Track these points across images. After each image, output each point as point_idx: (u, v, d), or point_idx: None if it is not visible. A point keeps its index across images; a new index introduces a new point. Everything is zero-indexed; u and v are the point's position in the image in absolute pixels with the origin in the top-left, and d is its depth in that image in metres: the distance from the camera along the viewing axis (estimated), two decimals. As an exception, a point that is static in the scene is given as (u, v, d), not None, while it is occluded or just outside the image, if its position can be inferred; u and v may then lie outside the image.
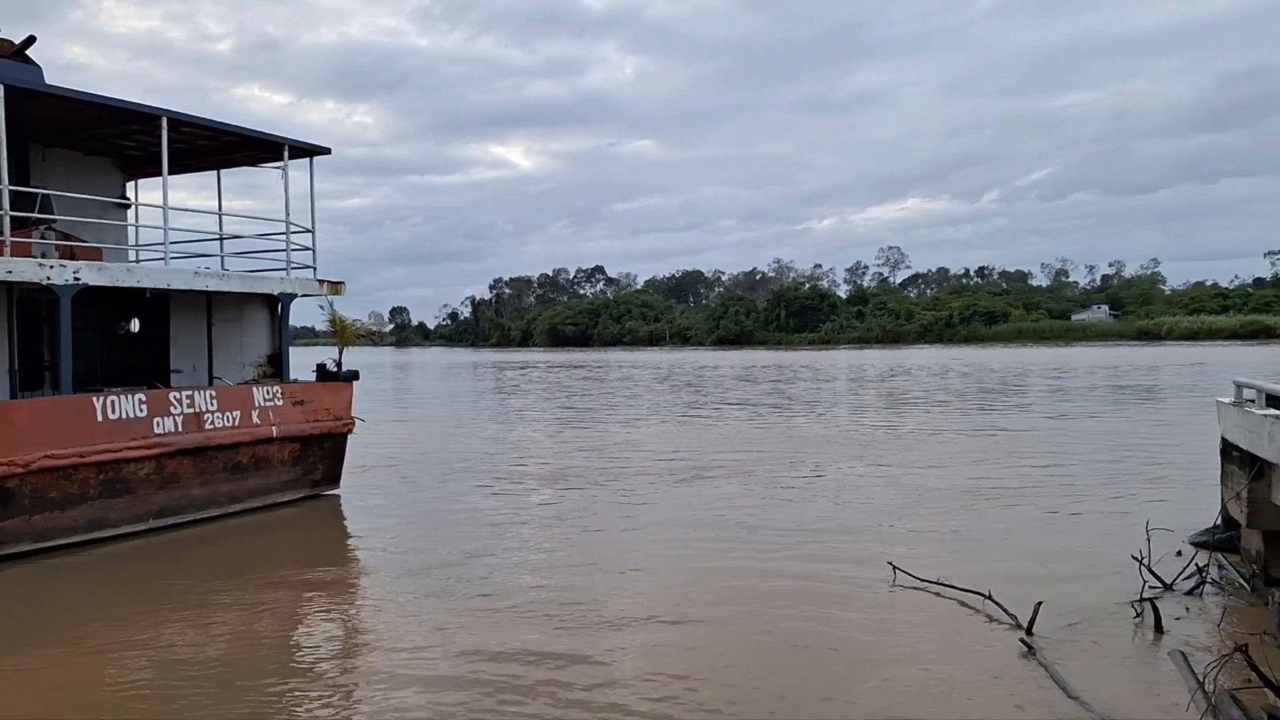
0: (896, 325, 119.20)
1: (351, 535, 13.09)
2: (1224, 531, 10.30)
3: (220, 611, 8.87)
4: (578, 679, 6.85)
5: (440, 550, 11.20)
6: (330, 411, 15.00)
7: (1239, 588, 8.98)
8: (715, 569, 10.08)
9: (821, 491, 14.71)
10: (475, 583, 9.62)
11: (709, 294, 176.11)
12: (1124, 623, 8.01)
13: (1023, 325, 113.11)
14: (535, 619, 8.33)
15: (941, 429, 23.53)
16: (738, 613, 8.45)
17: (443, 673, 7.04)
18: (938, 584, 9.06)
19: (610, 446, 21.22)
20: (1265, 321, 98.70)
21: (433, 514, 13.60)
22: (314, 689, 6.85)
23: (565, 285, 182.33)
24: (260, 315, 15.70)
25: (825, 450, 19.64)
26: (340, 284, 15.83)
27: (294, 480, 14.52)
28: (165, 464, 12.43)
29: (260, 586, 9.81)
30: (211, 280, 14.03)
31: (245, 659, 7.52)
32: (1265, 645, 6.99)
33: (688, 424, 26.34)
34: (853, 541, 11.27)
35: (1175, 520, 11.30)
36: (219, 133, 14.45)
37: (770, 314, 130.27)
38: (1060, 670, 6.80)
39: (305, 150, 15.49)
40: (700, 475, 16.51)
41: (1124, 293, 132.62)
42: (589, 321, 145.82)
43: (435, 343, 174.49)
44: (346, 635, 8.33)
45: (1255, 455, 8.86)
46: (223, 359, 15.51)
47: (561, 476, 16.77)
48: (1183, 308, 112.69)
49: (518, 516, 13.24)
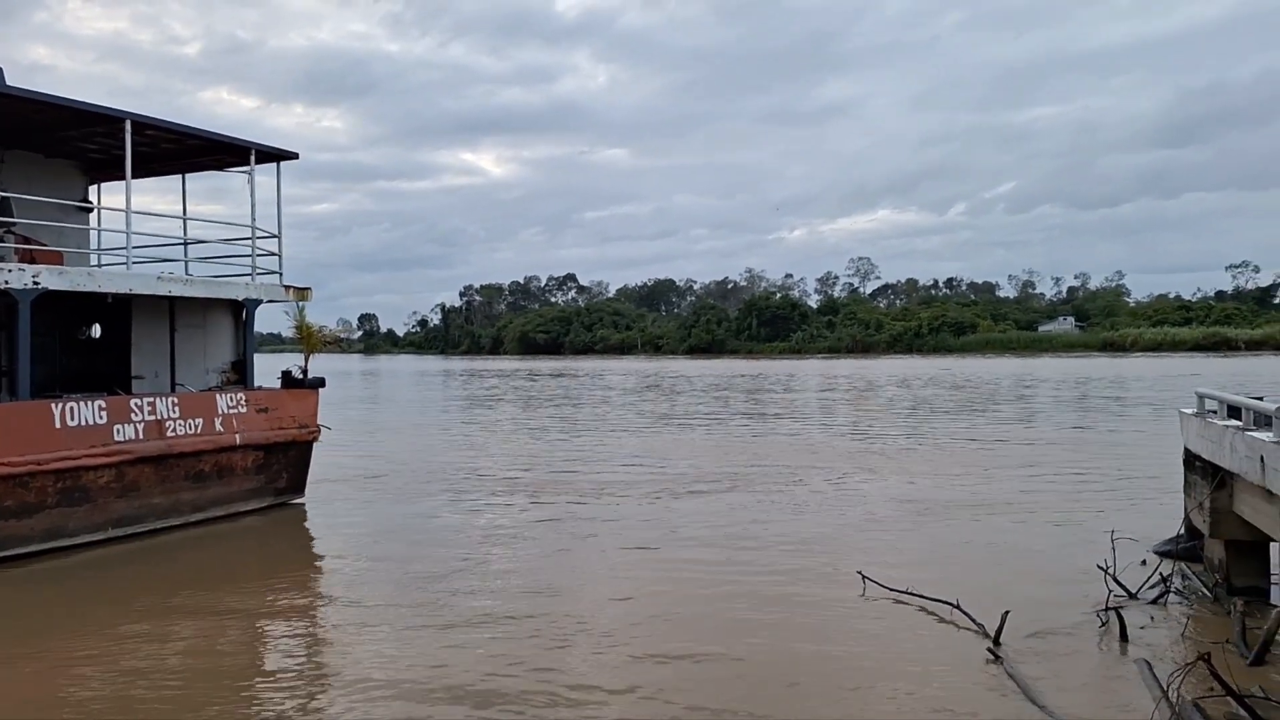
0: (866, 335, 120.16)
1: (315, 545, 12.89)
2: (1187, 541, 10.42)
3: (181, 623, 8.67)
4: (545, 690, 6.76)
5: (406, 561, 11.04)
6: (295, 419, 14.79)
7: (1202, 597, 9.08)
8: (682, 578, 10.03)
9: (793, 502, 14.71)
10: (441, 593, 9.49)
11: (680, 303, 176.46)
12: (1090, 631, 8.06)
13: (990, 336, 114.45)
14: (502, 630, 8.22)
15: (912, 440, 23.68)
16: (705, 623, 8.40)
17: (407, 685, 6.92)
18: (906, 593, 9.07)
19: (582, 457, 21.13)
20: (1226, 333, 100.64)
21: (399, 524, 13.44)
22: (276, 702, 6.70)
23: (536, 293, 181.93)
24: (224, 321, 15.46)
25: (798, 461, 19.68)
26: (307, 290, 15.64)
27: (258, 489, 14.29)
28: (125, 472, 12.17)
29: (222, 597, 9.61)
30: (175, 285, 13.80)
31: (206, 671, 7.35)
32: (1228, 654, 7.05)
33: (661, 434, 26.31)
34: (823, 551, 11.27)
35: (1140, 530, 11.43)
36: (184, 136, 14.23)
37: (742, 323, 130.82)
38: (1026, 678, 6.83)
39: (272, 155, 15.31)
40: (673, 486, 16.46)
41: (1089, 304, 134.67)
42: (560, 330, 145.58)
43: (404, 350, 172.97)
44: (309, 647, 8.18)
45: (1217, 466, 8.97)
46: (186, 365, 15.25)
47: (532, 488, 16.65)
48: (1146, 319, 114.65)
49: (486, 528, 13.10)
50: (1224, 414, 9.33)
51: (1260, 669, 7.01)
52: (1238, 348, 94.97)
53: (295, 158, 15.66)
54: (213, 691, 6.87)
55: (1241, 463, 8.11)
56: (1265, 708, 6.03)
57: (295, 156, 15.66)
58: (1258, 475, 7.63)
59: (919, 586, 9.10)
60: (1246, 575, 8.97)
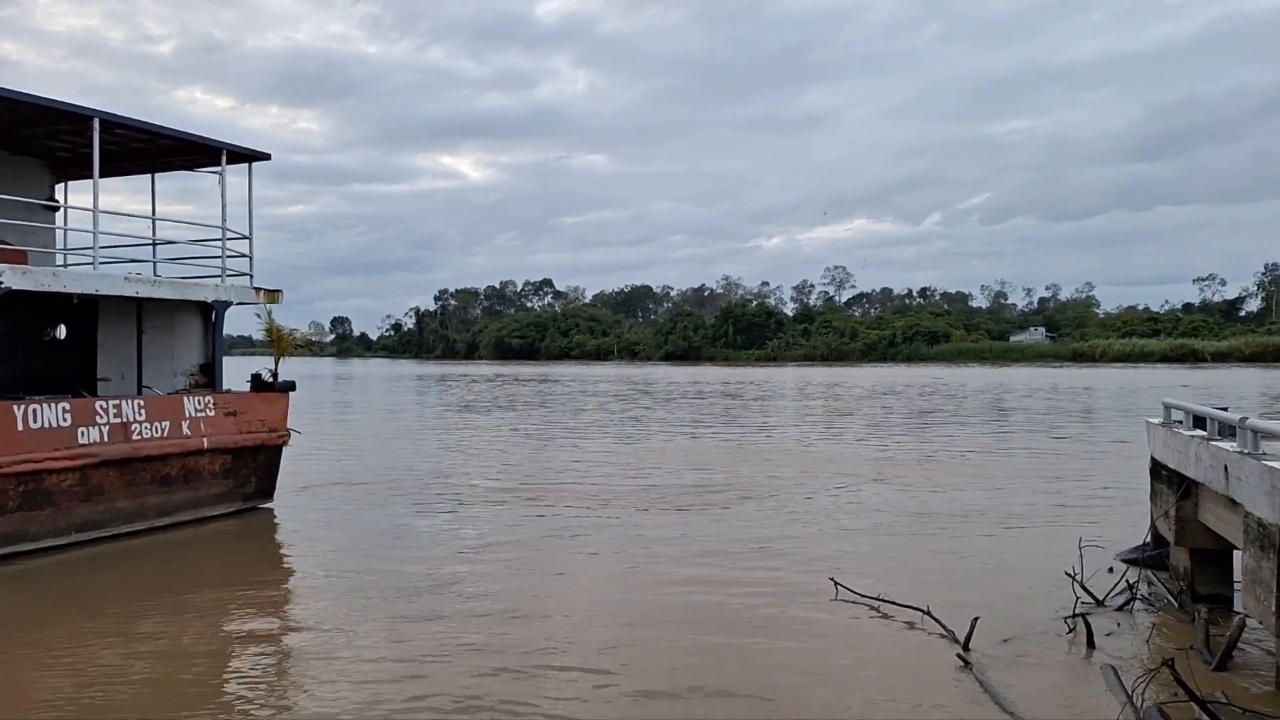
0: (841, 343, 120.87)
1: (284, 551, 12.74)
2: (1153, 549, 10.54)
3: (145, 629, 8.53)
4: (515, 697, 6.71)
5: (376, 567, 10.93)
6: (265, 423, 14.62)
7: (1167, 604, 9.18)
8: (654, 582, 10.01)
9: (768, 511, 14.73)
10: (410, 600, 9.40)
11: (657, 309, 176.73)
12: (1057, 638, 8.12)
13: (963, 345, 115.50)
14: (472, 637, 8.16)
15: (885, 449, 23.82)
16: (674, 626, 8.38)
17: (374, 692, 6.84)
18: (877, 600, 9.10)
19: (559, 465, 21.06)
20: (1193, 345, 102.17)
21: (370, 531, 13.30)
22: (239, 709, 6.60)
23: (512, 298, 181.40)
24: (193, 323, 15.26)
25: (774, 469, 19.73)
26: (278, 292, 15.48)
27: (225, 493, 14.10)
28: (89, 475, 11.97)
29: (187, 604, 9.47)
30: (142, 286, 13.61)
31: (169, 679, 7.22)
32: (1192, 660, 7.13)
33: (639, 441, 26.28)
34: (795, 558, 11.28)
35: (1107, 538, 11.55)
36: (154, 135, 14.06)
37: (718, 330, 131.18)
38: (995, 684, 6.87)
39: (244, 155, 15.16)
40: (649, 494, 16.44)
41: (1060, 315, 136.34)
42: (536, 335, 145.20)
43: (378, 354, 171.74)
44: (276, 654, 8.05)
45: (1182, 475, 9.09)
46: (153, 368, 15.04)
47: (505, 494, 16.57)
48: (1115, 331, 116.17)
49: (458, 537, 12.98)
50: (1189, 424, 9.46)
51: (1223, 674, 7.10)
52: (1204, 359, 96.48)
53: (268, 158, 15.52)
54: (175, 700, 6.76)
55: (1206, 472, 8.21)
56: (1228, 713, 6.10)
57: (268, 157, 15.52)
58: (1222, 485, 7.73)
59: (891, 594, 9.13)
60: (1210, 583, 9.08)
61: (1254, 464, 6.88)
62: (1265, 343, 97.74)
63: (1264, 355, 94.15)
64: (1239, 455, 7.32)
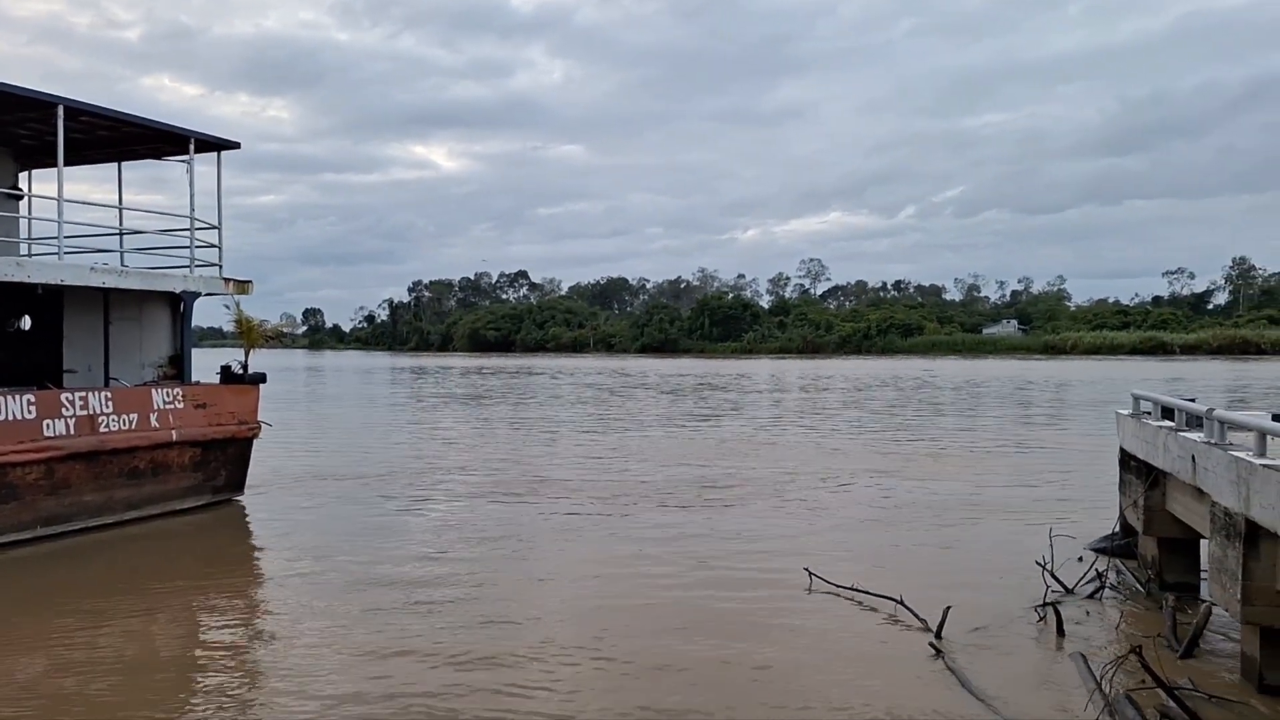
0: (817, 336, 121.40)
1: (254, 545, 12.60)
2: (1122, 538, 10.69)
3: (113, 626, 8.40)
4: (486, 690, 6.68)
5: (348, 561, 10.84)
6: (235, 415, 14.44)
7: (1136, 592, 9.30)
8: (627, 571, 10.01)
9: (745, 501, 14.77)
10: (383, 594, 9.33)
11: (634, 301, 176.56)
12: (1028, 626, 8.20)
13: (936, 338, 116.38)
14: (443, 630, 8.11)
15: (861, 442, 23.95)
16: (649, 617, 8.38)
17: (345, 686, 6.78)
18: (852, 589, 9.15)
19: (534, 458, 21.00)
20: (1162, 338, 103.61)
21: (342, 523, 13.19)
22: (211, 706, 6.51)
23: (487, 289, 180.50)
24: (161, 314, 15.04)
25: (753, 461, 19.78)
26: (248, 283, 15.29)
27: (195, 486, 13.93)
28: (55, 469, 11.77)
29: (156, 599, 9.34)
30: (109, 276, 13.38)
31: (139, 674, 7.12)
32: (1159, 647, 7.22)
33: (614, 434, 26.25)
34: (770, 549, 11.32)
35: (1077, 528, 11.67)
36: (120, 123, 13.81)
37: (694, 322, 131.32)
38: (966, 672, 6.92)
39: (213, 144, 14.94)
40: (625, 487, 16.43)
41: (1032, 308, 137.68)
42: (511, 327, 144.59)
43: (350, 346, 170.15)
44: (247, 649, 7.95)
45: (1151, 465, 9.20)
46: (120, 359, 14.81)
47: (480, 487, 16.50)
48: (1086, 323, 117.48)
49: (431, 528, 12.92)
50: (1158, 415, 9.57)
51: (1190, 661, 7.20)
52: (1173, 352, 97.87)
53: (237, 147, 15.30)
54: (144, 697, 6.66)
55: (1174, 462, 8.32)
56: (1193, 699, 6.18)
57: (237, 146, 15.31)
58: (1189, 474, 7.82)
59: (866, 584, 9.18)
60: (1178, 571, 9.21)
61: (1220, 454, 6.97)
62: (1232, 335, 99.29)
63: (1231, 348, 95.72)
64: (1206, 445, 7.41)
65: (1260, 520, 6.23)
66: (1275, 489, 5.93)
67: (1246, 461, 6.43)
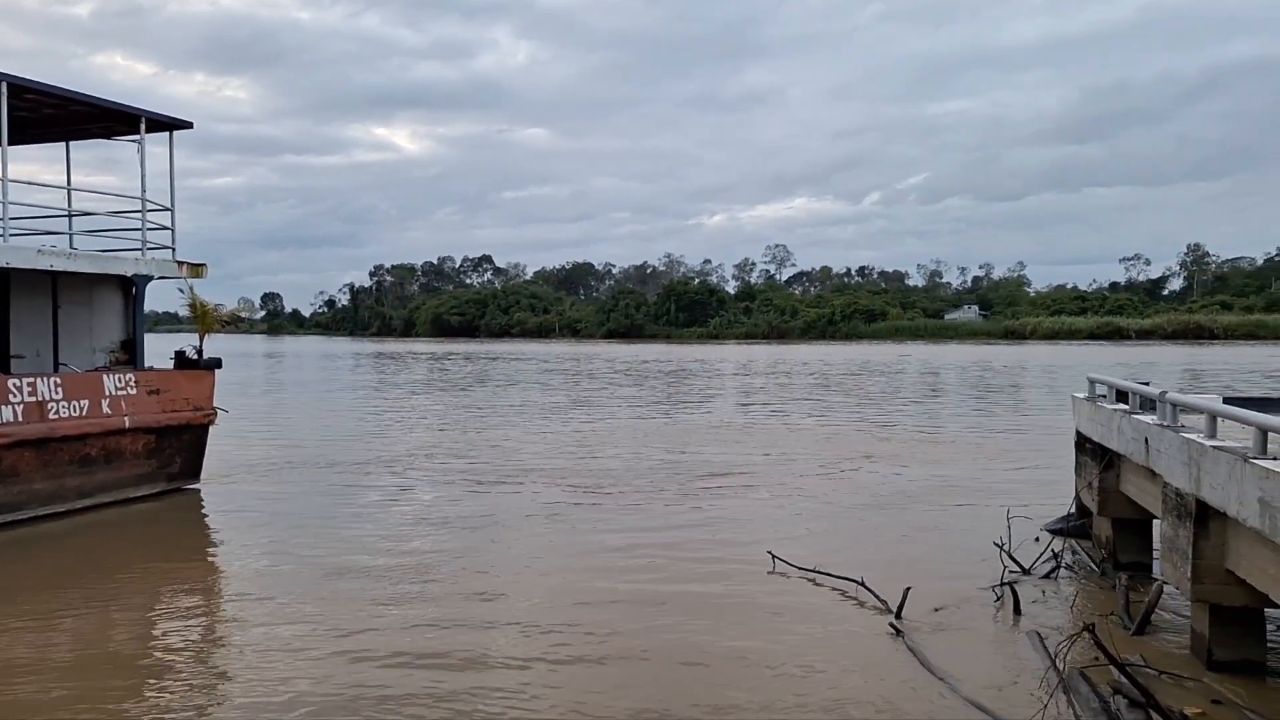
0: (782, 321, 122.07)
1: (211, 534, 12.39)
2: (1078, 519, 10.86)
3: (65, 618, 8.21)
4: (450, 683, 6.62)
5: (307, 551, 10.68)
6: (190, 401, 14.17)
7: (1090, 572, 9.45)
8: (593, 555, 10.00)
9: (710, 485, 14.79)
10: (345, 586, 9.19)
11: (599, 286, 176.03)
12: (986, 606, 8.30)
13: (900, 324, 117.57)
14: (407, 625, 8.01)
15: (823, 424, 24.12)
16: (613, 601, 8.37)
17: (303, 677, 6.68)
18: (814, 571, 9.21)
19: (498, 443, 20.88)
20: (1119, 323, 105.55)
21: (301, 512, 13.00)
22: (164, 705, 6.39)
23: (451, 274, 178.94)
24: (112, 298, 14.70)
25: (721, 447, 19.83)
26: (201, 266, 14.99)
27: (149, 474, 13.66)
28: (3, 456, 11.48)
29: (110, 591, 9.16)
30: (57, 259, 13.03)
31: (90, 673, 6.94)
32: (1112, 625, 7.36)
33: (582, 419, 26.18)
34: (734, 532, 11.36)
35: (1035, 509, 11.84)
36: (68, 101, 13.43)
37: (661, 308, 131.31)
38: (925, 651, 7.00)
39: (164, 123, 14.59)
40: (592, 470, 16.40)
41: (992, 294, 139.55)
42: (475, 312, 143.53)
43: (311, 331, 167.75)
44: (204, 644, 7.78)
45: (1105, 447, 9.34)
46: (70, 344, 14.46)
47: (443, 474, 16.37)
48: (1045, 309, 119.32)
49: (393, 517, 12.76)
50: (1113, 398, 9.72)
51: (1142, 639, 7.34)
52: (1129, 336, 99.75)
53: (189, 127, 14.96)
54: (97, 693, 6.52)
55: (1128, 444, 8.45)
56: (1145, 675, 6.29)
57: (189, 125, 14.97)
58: (1142, 456, 7.95)
59: (829, 566, 9.23)
60: (1131, 551, 9.38)
61: (1172, 436, 7.08)
62: (1186, 320, 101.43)
63: (1185, 333, 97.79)
64: (1159, 428, 7.52)
65: (1210, 500, 6.34)
66: (1225, 470, 6.04)
67: (1197, 443, 6.54)
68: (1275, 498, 5.34)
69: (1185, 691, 6.23)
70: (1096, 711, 5.76)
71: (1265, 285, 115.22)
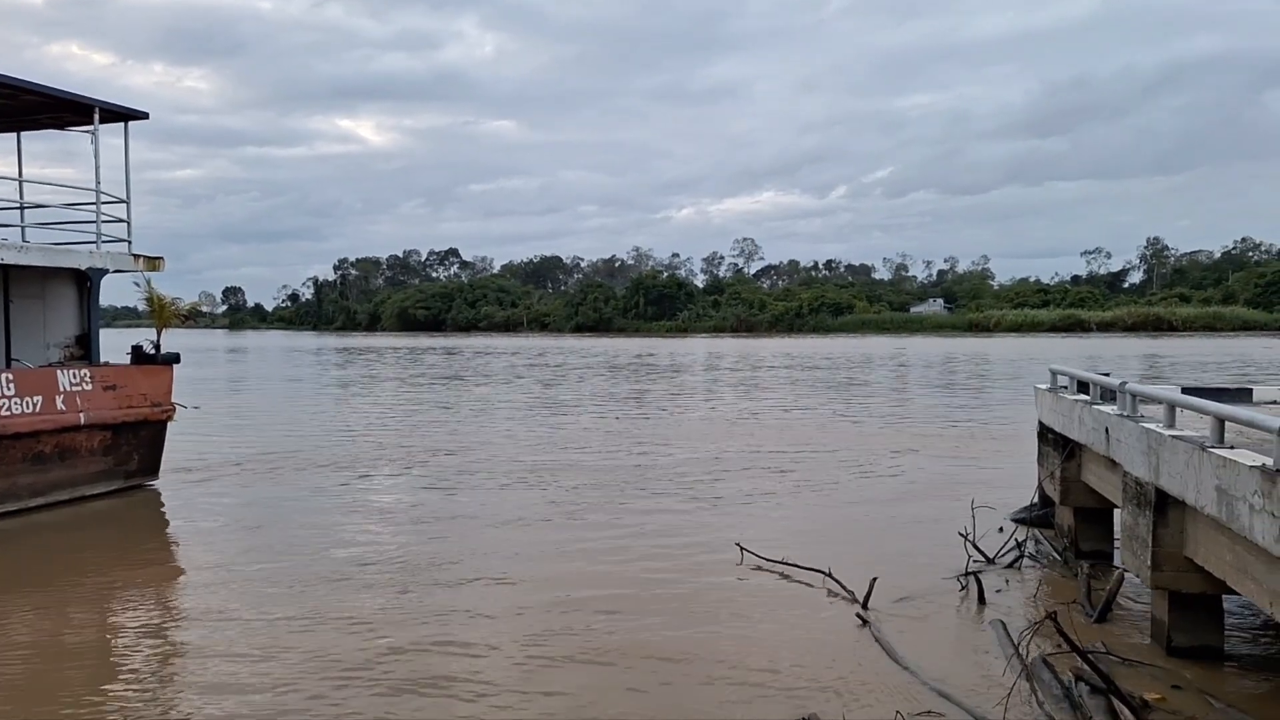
0: (750, 315, 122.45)
1: (170, 533, 12.16)
2: (1041, 509, 10.98)
3: (18, 621, 8.00)
4: (413, 683, 6.53)
5: (267, 550, 10.52)
6: (147, 397, 13.90)
7: (1053, 560, 9.56)
8: (563, 550, 9.94)
9: (681, 480, 14.78)
10: (303, 588, 9.03)
11: (568, 280, 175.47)
12: (951, 595, 8.36)
13: (866, 317, 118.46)
14: (365, 622, 7.91)
15: (790, 417, 24.22)
16: (583, 594, 8.32)
17: (262, 680, 6.57)
18: (781, 563, 9.22)
19: (464, 439, 20.72)
20: (1080, 316, 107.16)
21: (261, 510, 12.80)
22: (123, 709, 6.24)
23: (416, 267, 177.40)
24: (67, 292, 14.36)
25: (692, 441, 19.83)
26: (159, 259, 14.69)
27: (105, 471, 13.38)
28: (-49, 455, 11.17)
29: (65, 592, 8.95)
30: (8, 252, 12.70)
31: (48, 674, 6.78)
32: (1074, 613, 7.43)
33: (552, 414, 26.07)
34: (703, 525, 11.35)
35: (999, 498, 11.96)
36: (19, 90, 13.06)
37: (629, 302, 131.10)
38: (891, 640, 7.03)
39: (119, 114, 14.27)
40: (557, 465, 16.32)
41: (957, 287, 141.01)
42: (442, 306, 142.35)
43: (274, 325, 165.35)
44: (161, 647, 7.61)
45: (1067, 437, 9.44)
46: (23, 339, 14.10)
47: (406, 472, 16.21)
48: (1009, 302, 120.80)
49: (357, 516, 12.58)
50: (1074, 389, 9.83)
51: (1103, 626, 7.43)
52: (1090, 329, 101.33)
53: (145, 117, 14.64)
54: (53, 698, 6.37)
55: (1089, 434, 8.54)
56: (1106, 661, 6.36)
57: (145, 116, 14.64)
58: (1103, 446, 8.04)
59: (796, 557, 9.25)
60: (1093, 540, 9.50)
61: (1132, 426, 7.16)
62: (1146, 313, 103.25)
63: (1145, 325, 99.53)
64: (1119, 418, 7.61)
65: (1169, 489, 6.41)
66: (1183, 459, 6.11)
67: (1156, 433, 6.62)
68: (1232, 486, 5.41)
69: (1146, 677, 6.31)
70: (1059, 698, 5.82)
71: (1222, 278, 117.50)
